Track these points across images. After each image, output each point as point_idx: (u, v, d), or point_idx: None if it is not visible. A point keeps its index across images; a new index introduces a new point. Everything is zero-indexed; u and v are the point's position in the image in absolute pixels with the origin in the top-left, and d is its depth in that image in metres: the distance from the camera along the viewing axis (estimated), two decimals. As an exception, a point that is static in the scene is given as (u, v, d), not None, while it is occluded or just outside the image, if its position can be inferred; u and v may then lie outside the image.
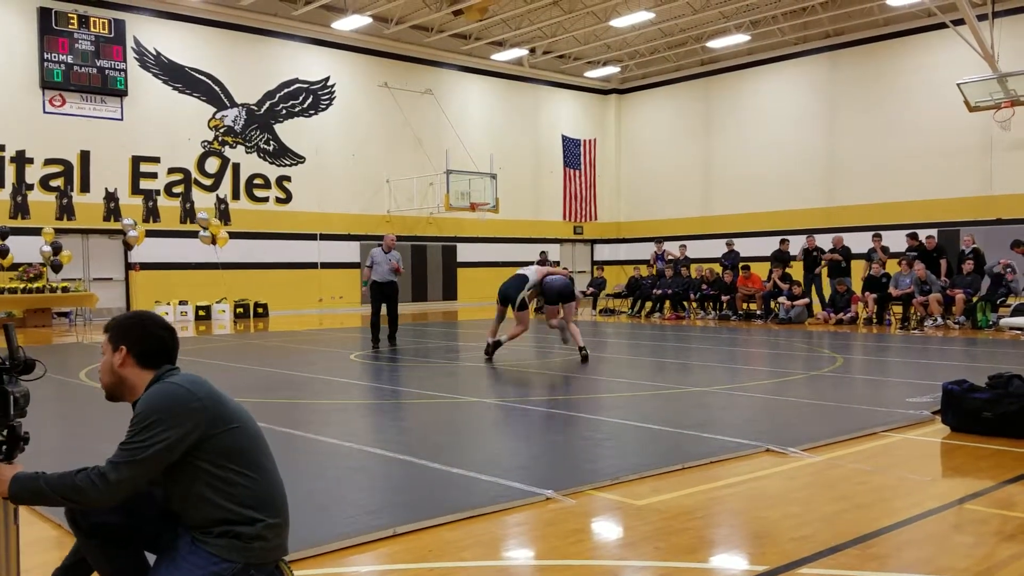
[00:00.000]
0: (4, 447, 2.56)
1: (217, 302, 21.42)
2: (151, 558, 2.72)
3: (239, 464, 2.57)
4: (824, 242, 19.57)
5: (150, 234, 20.87)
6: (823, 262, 18.92)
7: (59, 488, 2.44)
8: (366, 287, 13.73)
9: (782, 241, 20.28)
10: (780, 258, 19.58)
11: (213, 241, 20.28)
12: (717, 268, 20.61)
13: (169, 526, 2.65)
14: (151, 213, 21.66)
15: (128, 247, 20.27)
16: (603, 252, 31.75)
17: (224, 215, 22.42)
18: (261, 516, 2.57)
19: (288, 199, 23.97)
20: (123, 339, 2.68)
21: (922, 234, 18.31)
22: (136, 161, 21.43)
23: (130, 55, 21.12)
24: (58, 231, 19.56)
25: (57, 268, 18.88)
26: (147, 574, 2.67)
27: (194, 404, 2.53)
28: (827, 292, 18.78)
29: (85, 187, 20.76)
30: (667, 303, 20.80)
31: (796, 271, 19.38)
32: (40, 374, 2.64)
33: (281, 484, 2.71)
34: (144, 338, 2.70)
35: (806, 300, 18.19)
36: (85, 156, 20.65)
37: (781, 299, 18.19)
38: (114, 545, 2.69)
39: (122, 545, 2.70)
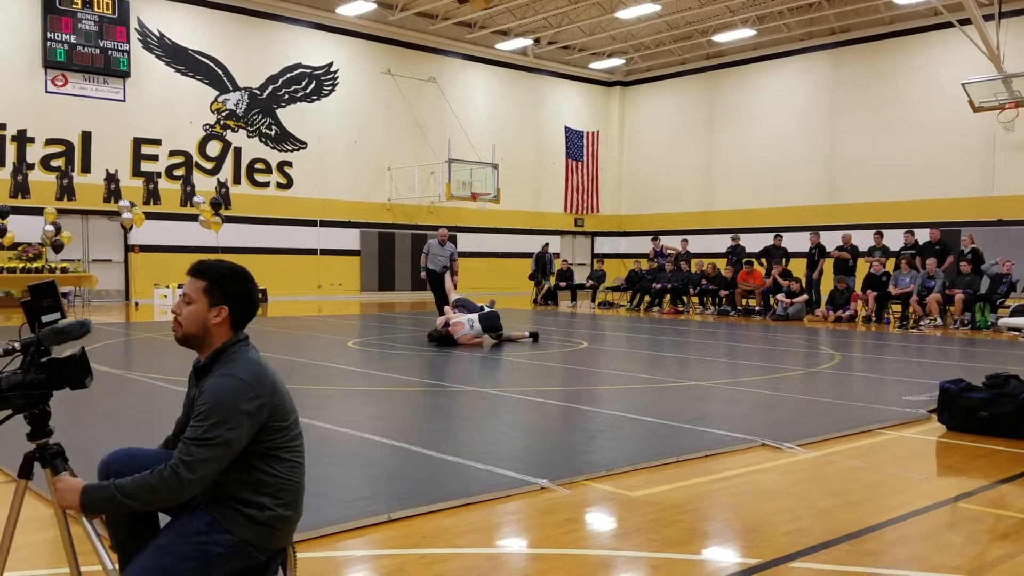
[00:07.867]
0: (58, 458, 2.49)
1: (216, 286, 21.37)
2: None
3: (277, 456, 2.58)
4: (830, 239, 19.49)
5: (150, 216, 20.84)
6: (819, 261, 18.86)
7: (132, 491, 2.39)
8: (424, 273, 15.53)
9: (776, 236, 20.22)
10: (771, 253, 19.55)
11: (217, 211, 20.24)
12: (721, 263, 20.53)
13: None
14: (151, 195, 21.64)
15: (125, 229, 20.24)
16: (603, 245, 31.74)
17: (224, 199, 22.36)
18: (272, 506, 2.57)
19: (289, 184, 23.94)
20: (227, 299, 2.61)
21: (922, 233, 18.27)
22: (137, 143, 21.40)
23: (133, 36, 21.06)
24: (58, 212, 19.50)
25: (59, 248, 18.84)
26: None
27: (257, 402, 2.51)
28: (828, 290, 18.74)
29: (86, 168, 20.73)
30: (666, 297, 20.79)
31: (798, 268, 19.35)
32: None
33: (303, 480, 2.70)
34: (248, 304, 2.66)
35: (805, 297, 18.18)
36: (86, 137, 20.61)
37: (780, 296, 18.17)
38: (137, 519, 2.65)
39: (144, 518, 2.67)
